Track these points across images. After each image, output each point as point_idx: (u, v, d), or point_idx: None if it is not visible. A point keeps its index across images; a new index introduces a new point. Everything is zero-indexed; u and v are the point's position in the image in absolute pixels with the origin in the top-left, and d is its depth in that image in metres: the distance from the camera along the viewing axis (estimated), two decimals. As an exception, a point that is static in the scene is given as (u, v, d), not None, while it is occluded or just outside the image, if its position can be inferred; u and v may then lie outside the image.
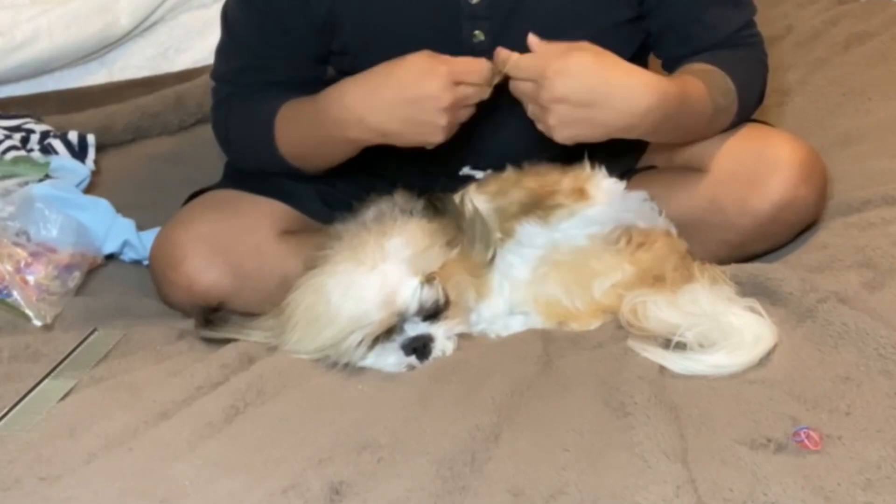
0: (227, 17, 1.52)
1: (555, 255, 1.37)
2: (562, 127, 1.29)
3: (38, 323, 1.46)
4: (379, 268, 1.29)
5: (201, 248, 1.45)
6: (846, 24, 2.24)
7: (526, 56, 1.31)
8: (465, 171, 1.53)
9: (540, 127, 1.32)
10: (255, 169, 1.53)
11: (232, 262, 1.45)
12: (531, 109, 1.32)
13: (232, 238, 1.45)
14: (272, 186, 1.51)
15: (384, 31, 1.45)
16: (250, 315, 1.40)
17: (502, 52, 1.32)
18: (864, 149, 1.76)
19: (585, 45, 1.32)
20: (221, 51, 1.55)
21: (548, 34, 1.41)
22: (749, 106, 1.49)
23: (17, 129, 1.89)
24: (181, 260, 1.45)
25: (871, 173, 1.64)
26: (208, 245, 1.45)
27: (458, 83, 1.31)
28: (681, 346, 1.26)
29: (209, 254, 1.45)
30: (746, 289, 1.34)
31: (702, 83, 1.39)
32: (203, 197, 1.54)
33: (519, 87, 1.32)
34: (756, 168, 1.41)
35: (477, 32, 1.43)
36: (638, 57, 1.52)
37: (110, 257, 1.66)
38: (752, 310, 1.28)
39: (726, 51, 1.47)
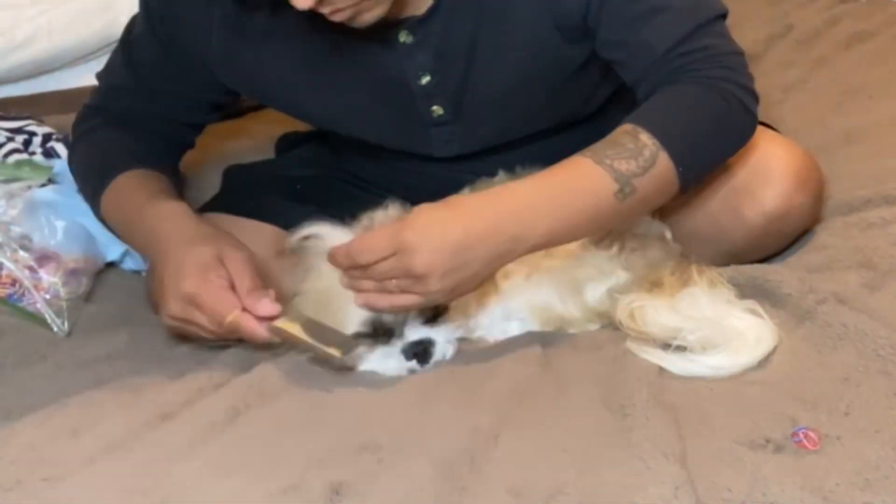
0: (129, 32, 1.48)
1: (547, 261, 1.36)
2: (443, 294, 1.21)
3: (56, 330, 1.45)
4: None
5: None
6: (847, 23, 2.25)
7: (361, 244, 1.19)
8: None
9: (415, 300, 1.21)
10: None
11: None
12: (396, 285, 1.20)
13: None
14: (265, 210, 1.50)
15: (344, 121, 1.44)
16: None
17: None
18: (864, 148, 1.76)
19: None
20: (110, 64, 1.51)
21: (504, 102, 1.39)
22: (707, 145, 1.29)
23: (19, 130, 1.89)
24: None
25: (872, 172, 1.64)
26: None
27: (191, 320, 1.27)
28: (680, 348, 1.26)
29: None
30: (745, 290, 1.34)
31: (590, 161, 1.22)
32: None
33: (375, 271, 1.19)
34: (750, 178, 1.38)
35: (435, 108, 1.40)
36: (615, 93, 1.47)
37: (111, 264, 1.66)
38: (753, 312, 1.28)
39: (665, 89, 1.28)
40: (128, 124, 1.48)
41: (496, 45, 1.34)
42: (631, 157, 1.22)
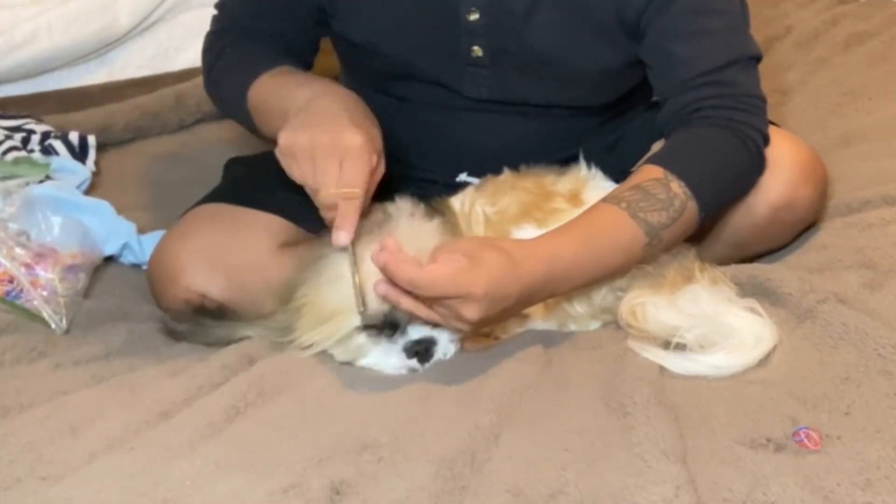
0: None
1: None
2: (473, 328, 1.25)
3: (54, 327, 1.45)
4: None
5: (200, 263, 1.44)
6: (846, 24, 2.25)
7: (432, 276, 1.18)
8: (462, 177, 1.53)
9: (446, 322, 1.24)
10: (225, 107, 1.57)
11: (232, 276, 1.43)
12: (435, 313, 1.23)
13: (231, 252, 1.43)
14: (269, 202, 1.49)
15: (387, 37, 1.46)
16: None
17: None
18: (864, 149, 1.76)
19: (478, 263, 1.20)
20: None
21: (543, 70, 1.42)
22: (728, 192, 1.37)
23: (17, 129, 1.89)
24: (180, 274, 1.44)
25: (872, 173, 1.65)
26: (207, 259, 1.44)
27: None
28: (680, 347, 1.26)
29: (208, 268, 1.44)
30: (746, 289, 1.35)
31: (625, 215, 1.28)
32: (201, 209, 1.52)
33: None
34: None
35: (475, 48, 1.43)
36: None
37: (109, 259, 1.66)
38: (753, 310, 1.29)
39: (694, 131, 1.35)
40: (253, 40, 1.51)
41: (558, 12, 1.38)
42: (662, 209, 1.29)
